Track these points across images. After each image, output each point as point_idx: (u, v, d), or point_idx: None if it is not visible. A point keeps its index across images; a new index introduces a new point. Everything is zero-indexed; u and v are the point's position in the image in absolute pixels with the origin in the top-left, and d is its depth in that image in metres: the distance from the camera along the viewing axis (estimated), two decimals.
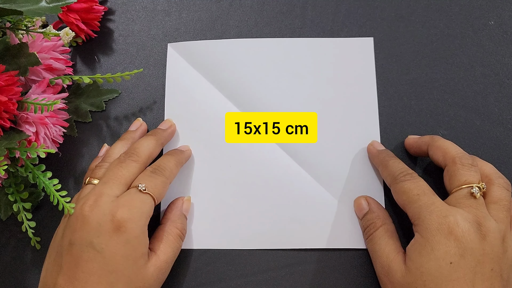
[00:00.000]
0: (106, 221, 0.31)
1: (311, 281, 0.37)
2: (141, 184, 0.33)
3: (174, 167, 0.37)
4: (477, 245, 0.30)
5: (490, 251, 0.31)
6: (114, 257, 0.31)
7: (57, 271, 0.31)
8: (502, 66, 0.42)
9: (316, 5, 0.44)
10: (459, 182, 0.33)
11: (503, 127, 0.40)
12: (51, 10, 0.35)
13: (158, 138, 0.38)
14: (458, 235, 0.31)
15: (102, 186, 0.33)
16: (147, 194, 0.33)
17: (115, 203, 0.32)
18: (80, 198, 0.34)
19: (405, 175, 0.35)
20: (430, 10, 0.44)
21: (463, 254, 0.30)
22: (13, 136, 0.34)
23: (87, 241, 0.31)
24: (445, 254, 0.30)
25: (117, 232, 0.31)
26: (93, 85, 0.42)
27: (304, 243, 0.38)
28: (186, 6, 0.45)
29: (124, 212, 0.31)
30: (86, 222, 0.31)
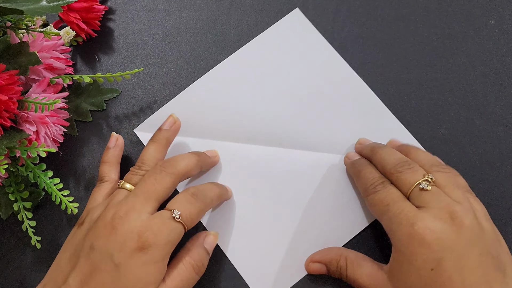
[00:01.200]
0: (131, 239, 0.30)
1: (311, 281, 0.37)
2: (176, 211, 0.32)
3: (215, 199, 0.36)
4: (455, 239, 0.29)
5: (470, 237, 0.29)
6: (128, 276, 0.30)
7: (70, 269, 0.31)
8: (502, 65, 0.42)
9: (316, 5, 0.44)
10: (406, 187, 0.33)
11: (503, 126, 0.40)
12: (51, 9, 0.35)
13: (200, 160, 0.36)
14: (432, 240, 0.29)
15: (135, 199, 0.32)
16: (179, 223, 0.32)
17: (144, 223, 0.31)
18: (111, 204, 0.33)
19: (376, 186, 0.34)
20: (430, 9, 0.44)
21: (442, 257, 0.29)
22: (13, 135, 0.34)
23: (109, 252, 0.30)
24: (423, 263, 0.29)
25: (139, 252, 0.30)
26: (93, 84, 0.42)
27: None
28: (187, 6, 0.45)
29: (151, 236, 0.31)
30: (113, 233, 0.31)
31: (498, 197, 0.39)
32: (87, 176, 0.40)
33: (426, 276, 0.29)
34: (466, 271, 0.29)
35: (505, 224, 0.38)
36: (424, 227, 0.30)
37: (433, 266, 0.29)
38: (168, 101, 0.42)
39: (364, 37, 0.43)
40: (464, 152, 0.40)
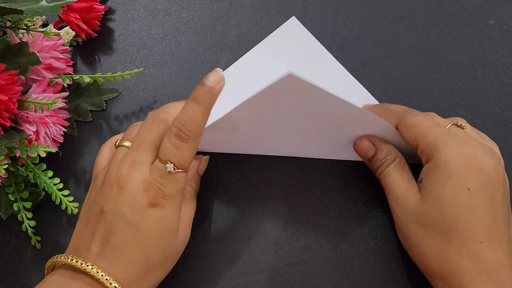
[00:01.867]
0: (140, 195, 0.30)
1: (311, 281, 0.37)
2: (169, 164, 0.30)
3: (201, 120, 0.30)
4: (493, 172, 0.31)
5: (501, 176, 0.31)
6: (149, 231, 0.30)
7: (89, 236, 0.31)
8: (502, 65, 0.42)
9: (316, 5, 0.44)
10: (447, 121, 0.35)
11: (503, 126, 0.40)
12: (51, 9, 0.35)
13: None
14: (478, 164, 0.31)
15: (133, 153, 0.31)
16: (177, 173, 0.31)
17: (148, 177, 0.30)
18: (113, 163, 0.32)
19: (413, 111, 0.34)
20: (430, 9, 0.44)
21: (482, 182, 0.30)
22: (13, 135, 0.34)
23: (121, 212, 0.30)
24: (464, 182, 0.30)
25: (153, 208, 0.30)
26: (93, 84, 0.42)
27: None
28: (187, 6, 0.45)
29: (158, 190, 0.30)
30: (120, 192, 0.30)
31: None
32: (87, 176, 0.40)
33: (461, 195, 0.30)
34: (494, 202, 0.31)
35: None
36: (473, 151, 0.31)
37: (471, 187, 0.30)
38: (168, 101, 0.42)
39: (364, 37, 0.43)
40: None
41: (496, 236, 0.30)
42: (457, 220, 0.30)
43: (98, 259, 0.30)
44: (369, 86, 0.42)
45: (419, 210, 0.32)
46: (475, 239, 0.30)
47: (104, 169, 0.33)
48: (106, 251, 0.30)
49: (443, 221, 0.31)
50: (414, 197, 0.32)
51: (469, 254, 0.30)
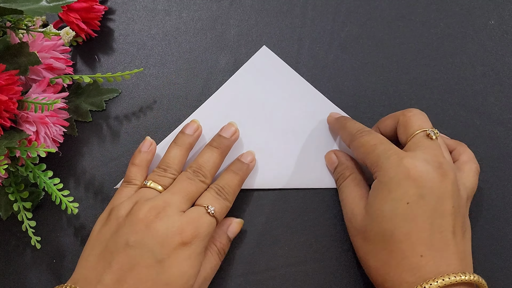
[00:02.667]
0: (173, 234, 0.31)
1: (311, 281, 0.37)
2: (211, 207, 0.33)
3: (237, 189, 0.37)
4: (437, 184, 0.31)
5: (450, 188, 0.31)
6: (172, 270, 0.30)
7: (103, 267, 0.30)
8: (502, 65, 0.42)
9: (316, 5, 0.44)
10: (413, 128, 0.34)
11: (503, 126, 0.40)
12: (51, 9, 0.35)
13: (223, 152, 0.37)
14: (416, 176, 0.31)
15: (171, 196, 0.33)
16: (213, 217, 0.33)
17: (184, 218, 0.32)
18: (142, 201, 0.33)
19: (362, 132, 0.35)
20: (430, 9, 0.44)
21: (422, 194, 0.30)
22: (13, 135, 0.34)
23: (149, 247, 0.30)
24: (402, 195, 0.31)
25: (183, 247, 0.31)
26: (93, 84, 0.42)
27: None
28: (187, 6, 0.45)
29: (193, 230, 0.31)
30: (152, 228, 0.31)
31: (498, 197, 0.39)
32: (87, 176, 0.40)
33: (399, 208, 0.31)
34: (437, 215, 0.30)
35: (505, 224, 0.38)
36: (413, 163, 0.31)
37: (410, 201, 0.30)
38: (168, 101, 0.42)
39: (364, 37, 0.43)
40: None
41: (439, 248, 0.30)
42: (396, 233, 0.30)
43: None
44: (369, 86, 0.42)
45: (363, 225, 0.33)
46: (414, 252, 0.30)
47: (127, 202, 0.33)
48: (122, 286, 0.29)
49: (383, 234, 0.31)
50: (360, 213, 0.33)
51: (409, 266, 0.30)
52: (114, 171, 0.40)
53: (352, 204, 0.35)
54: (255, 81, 0.42)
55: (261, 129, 0.41)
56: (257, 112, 0.41)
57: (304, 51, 0.43)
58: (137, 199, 0.33)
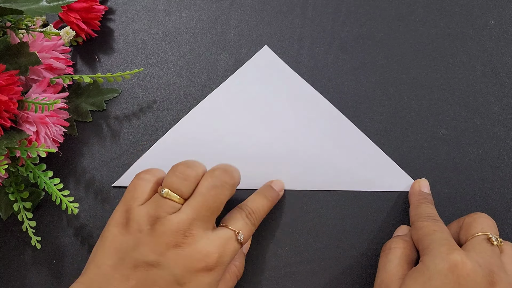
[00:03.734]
0: (199, 259, 0.30)
1: (311, 281, 0.37)
2: (242, 235, 0.32)
3: (265, 215, 0.36)
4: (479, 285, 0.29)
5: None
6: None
7: (120, 280, 0.29)
8: (502, 65, 0.42)
9: (316, 5, 0.44)
10: (475, 229, 0.32)
11: (503, 126, 0.40)
12: (51, 9, 0.35)
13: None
14: (462, 273, 0.29)
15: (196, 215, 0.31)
16: (239, 244, 0.32)
17: (211, 242, 0.30)
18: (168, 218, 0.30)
19: (430, 217, 0.34)
20: (430, 9, 0.44)
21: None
22: (13, 135, 0.34)
23: (171, 270, 0.29)
24: (440, 285, 0.29)
25: (206, 273, 0.30)
26: (93, 84, 0.42)
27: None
28: (187, 6, 0.45)
29: (218, 255, 0.30)
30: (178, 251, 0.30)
31: (498, 197, 0.39)
32: (87, 176, 0.40)
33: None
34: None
35: (505, 224, 0.38)
36: (462, 259, 0.29)
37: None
38: (168, 101, 0.42)
39: (364, 37, 0.43)
40: (464, 152, 0.40)
41: None
42: None
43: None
44: (369, 86, 0.42)
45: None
46: None
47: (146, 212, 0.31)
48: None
49: None
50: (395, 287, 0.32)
51: None
52: (114, 171, 0.40)
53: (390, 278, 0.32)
54: (256, 81, 0.42)
55: (259, 129, 0.41)
56: (256, 112, 0.41)
57: (304, 51, 0.43)
58: (157, 210, 0.31)
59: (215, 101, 0.42)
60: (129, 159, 0.40)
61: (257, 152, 0.40)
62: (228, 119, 0.41)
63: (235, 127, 0.41)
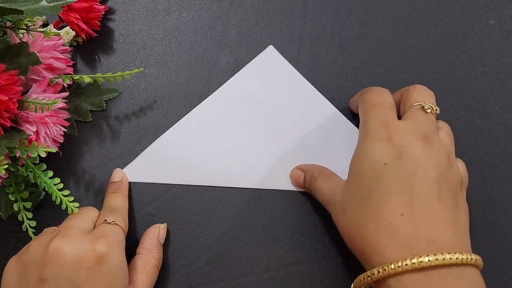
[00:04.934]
0: (85, 254, 0.29)
1: (311, 281, 0.37)
2: (108, 218, 0.33)
3: (124, 203, 0.37)
4: (418, 150, 0.29)
5: (434, 157, 0.29)
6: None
7: None
8: (502, 65, 0.42)
9: (316, 5, 0.44)
10: (411, 101, 0.34)
11: (503, 126, 0.40)
12: (51, 9, 0.35)
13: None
14: (397, 139, 0.30)
15: (70, 220, 0.32)
16: (116, 225, 0.33)
17: (90, 236, 0.31)
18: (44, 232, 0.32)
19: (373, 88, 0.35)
20: (430, 9, 0.44)
21: (400, 156, 0.29)
22: (13, 135, 0.34)
23: (64, 276, 0.29)
24: (379, 156, 0.30)
25: (98, 264, 0.29)
26: (93, 84, 0.42)
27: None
28: (187, 6, 0.45)
29: (103, 244, 0.30)
30: (60, 255, 0.29)
31: (498, 197, 0.39)
32: (87, 176, 0.40)
33: (376, 169, 0.30)
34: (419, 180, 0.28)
35: (505, 224, 0.38)
36: (396, 128, 0.31)
37: (387, 162, 0.29)
38: (168, 101, 0.42)
39: (364, 37, 0.43)
40: (464, 152, 0.40)
41: (420, 209, 0.28)
42: (373, 193, 0.29)
43: None
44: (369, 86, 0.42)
45: (344, 197, 0.32)
46: (393, 212, 0.28)
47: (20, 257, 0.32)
48: None
49: (362, 196, 0.30)
50: (340, 189, 0.33)
51: (388, 228, 0.28)
52: None
53: (329, 187, 0.34)
54: (259, 80, 0.42)
55: (261, 128, 0.41)
56: (258, 111, 0.41)
57: (304, 51, 0.43)
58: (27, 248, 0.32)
59: (219, 99, 0.42)
60: (129, 159, 0.40)
61: (256, 150, 0.40)
62: (231, 117, 0.41)
63: (238, 125, 0.41)
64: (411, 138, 0.30)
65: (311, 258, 0.38)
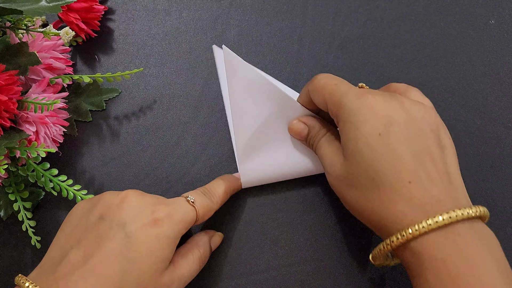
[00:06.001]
0: (146, 211, 0.30)
1: (311, 281, 0.37)
2: (191, 197, 0.33)
3: (223, 195, 0.36)
4: (402, 112, 0.30)
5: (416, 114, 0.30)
6: (139, 247, 0.29)
7: (71, 245, 0.29)
8: (502, 65, 0.42)
9: (316, 5, 0.44)
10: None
11: (503, 126, 0.40)
12: (51, 9, 0.35)
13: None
14: (381, 108, 0.30)
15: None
16: (192, 207, 0.33)
17: (160, 199, 0.32)
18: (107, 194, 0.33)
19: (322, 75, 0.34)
20: (430, 9, 0.44)
21: (390, 122, 0.30)
22: (13, 135, 0.34)
23: (120, 221, 0.30)
24: (371, 128, 0.30)
25: (153, 225, 0.30)
26: (93, 84, 0.42)
27: None
28: (187, 5, 0.45)
29: (166, 210, 0.31)
30: (126, 202, 0.31)
31: (498, 197, 0.39)
32: (87, 176, 0.40)
33: (373, 141, 0.30)
34: (412, 139, 0.29)
35: (505, 224, 0.38)
36: (374, 98, 0.31)
37: (381, 131, 0.30)
38: (168, 101, 0.42)
39: (364, 37, 0.43)
40: (464, 152, 0.40)
41: (424, 173, 0.29)
42: (377, 168, 0.29)
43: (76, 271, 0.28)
44: (369, 86, 0.42)
45: (345, 171, 0.32)
46: (401, 181, 0.29)
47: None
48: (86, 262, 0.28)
49: (366, 173, 0.30)
50: (339, 161, 0.33)
51: (400, 197, 0.28)
52: (114, 171, 0.40)
53: (331, 156, 0.34)
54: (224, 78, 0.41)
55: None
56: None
57: (304, 51, 0.43)
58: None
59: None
60: (129, 159, 0.40)
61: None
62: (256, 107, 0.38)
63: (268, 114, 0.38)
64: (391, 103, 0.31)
65: (311, 258, 0.38)
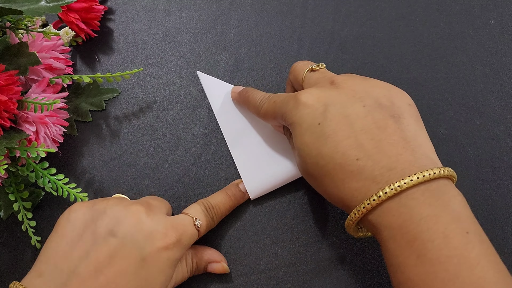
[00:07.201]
0: (158, 235, 0.31)
1: (311, 281, 0.37)
2: (199, 221, 0.34)
3: (225, 213, 0.37)
4: (335, 95, 0.31)
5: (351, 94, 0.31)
6: (152, 268, 0.30)
7: (80, 257, 0.29)
8: (502, 65, 0.42)
9: (316, 5, 0.44)
10: (300, 75, 0.36)
11: (503, 126, 0.40)
12: (51, 9, 0.35)
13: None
14: (313, 100, 0.31)
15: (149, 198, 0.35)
16: (198, 231, 0.34)
17: (170, 221, 0.32)
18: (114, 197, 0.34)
19: (262, 100, 0.36)
20: (430, 9, 0.44)
21: (325, 109, 0.30)
22: (13, 135, 0.34)
23: (134, 241, 0.30)
24: (311, 121, 0.31)
25: (165, 249, 0.31)
26: (93, 84, 0.42)
27: None
28: (187, 6, 0.45)
29: (177, 236, 0.31)
30: (139, 220, 0.31)
31: (498, 197, 0.39)
32: (86, 176, 0.40)
33: (316, 132, 0.30)
34: (353, 118, 0.30)
35: (505, 224, 0.38)
36: (306, 93, 0.32)
37: (320, 120, 0.30)
38: (168, 101, 0.42)
39: (364, 37, 0.43)
40: (464, 152, 0.40)
41: (371, 146, 0.29)
42: (324, 154, 0.30)
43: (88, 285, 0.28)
44: None
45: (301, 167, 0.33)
46: (348, 160, 0.29)
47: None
48: (98, 278, 0.28)
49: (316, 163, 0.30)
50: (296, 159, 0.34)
51: (351, 175, 0.29)
52: (114, 171, 0.40)
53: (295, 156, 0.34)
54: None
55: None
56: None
57: (304, 51, 0.43)
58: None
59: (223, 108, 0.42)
60: (129, 159, 0.40)
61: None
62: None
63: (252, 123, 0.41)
64: (323, 90, 0.32)
65: (311, 258, 0.38)
